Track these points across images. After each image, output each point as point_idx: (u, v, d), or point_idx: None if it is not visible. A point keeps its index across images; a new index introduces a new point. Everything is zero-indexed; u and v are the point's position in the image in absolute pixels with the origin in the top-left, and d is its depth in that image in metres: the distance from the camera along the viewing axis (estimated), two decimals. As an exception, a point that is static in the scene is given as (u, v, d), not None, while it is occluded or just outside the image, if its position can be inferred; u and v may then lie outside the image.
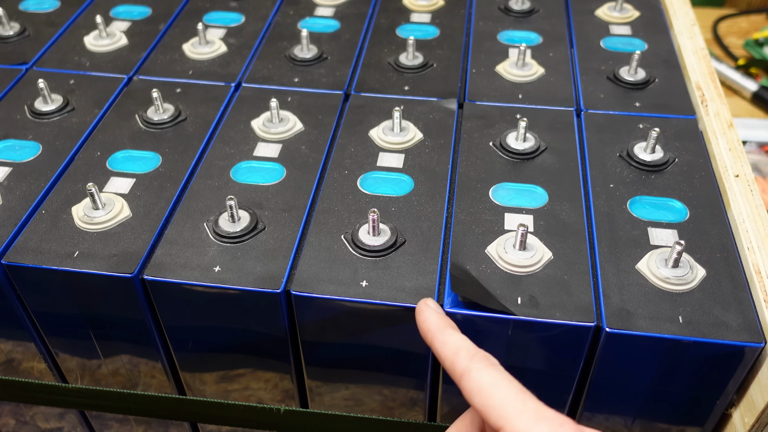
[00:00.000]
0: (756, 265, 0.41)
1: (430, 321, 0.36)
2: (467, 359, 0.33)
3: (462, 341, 0.34)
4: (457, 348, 0.34)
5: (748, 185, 0.46)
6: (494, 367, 0.32)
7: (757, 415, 0.39)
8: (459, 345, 0.34)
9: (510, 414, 0.30)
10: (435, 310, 0.37)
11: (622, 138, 0.51)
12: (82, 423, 0.57)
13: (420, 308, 0.37)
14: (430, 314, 0.37)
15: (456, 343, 0.34)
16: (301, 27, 0.64)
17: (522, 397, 0.31)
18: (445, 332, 0.35)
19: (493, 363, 0.33)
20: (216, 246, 0.43)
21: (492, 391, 0.31)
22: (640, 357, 0.39)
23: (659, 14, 0.66)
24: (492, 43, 0.62)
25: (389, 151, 0.50)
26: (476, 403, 0.32)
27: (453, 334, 0.35)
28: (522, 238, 0.41)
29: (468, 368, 0.32)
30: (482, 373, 0.32)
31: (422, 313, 0.37)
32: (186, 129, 0.52)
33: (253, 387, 0.49)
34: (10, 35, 0.62)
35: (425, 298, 0.38)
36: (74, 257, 0.42)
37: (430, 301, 0.38)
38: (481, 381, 0.32)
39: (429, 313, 0.37)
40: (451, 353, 0.34)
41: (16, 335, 0.48)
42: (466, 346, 0.34)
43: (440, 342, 0.35)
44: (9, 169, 0.48)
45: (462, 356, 0.33)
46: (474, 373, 0.32)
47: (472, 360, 0.33)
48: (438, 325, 0.36)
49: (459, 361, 0.33)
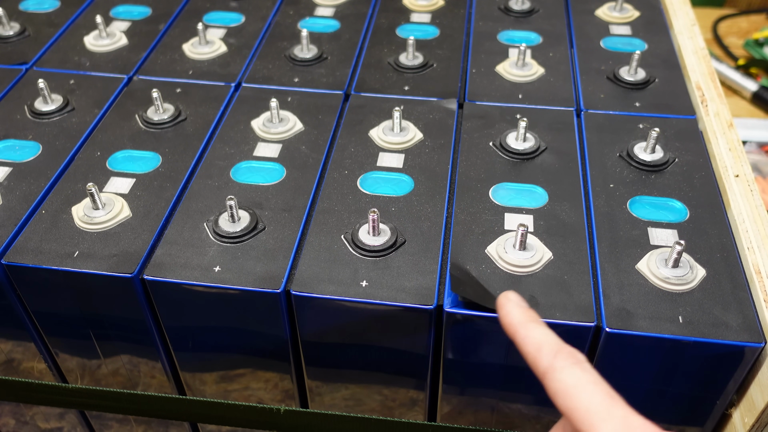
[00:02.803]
0: (756, 265, 0.41)
1: (512, 315, 0.34)
2: (550, 356, 0.31)
3: (545, 336, 0.32)
4: (540, 344, 0.32)
5: (748, 185, 0.46)
6: (579, 365, 0.30)
7: (757, 415, 0.39)
8: (541, 341, 0.32)
9: (595, 420, 0.28)
10: (517, 303, 0.35)
11: (622, 138, 0.51)
12: (82, 423, 0.57)
13: (501, 302, 0.35)
14: (511, 308, 0.34)
15: (538, 339, 0.32)
16: (301, 27, 0.64)
17: (609, 402, 0.29)
18: (527, 326, 0.33)
19: (578, 360, 0.30)
20: (216, 246, 0.43)
21: (576, 393, 0.29)
22: (640, 357, 0.39)
23: (659, 14, 0.66)
24: (492, 43, 0.62)
25: (389, 151, 0.50)
26: (560, 404, 0.30)
27: (536, 328, 0.33)
28: (522, 238, 0.41)
29: (551, 367, 0.30)
30: (566, 372, 0.30)
31: (503, 306, 0.35)
32: (186, 129, 0.52)
33: (253, 387, 0.49)
34: (10, 35, 0.62)
35: (506, 291, 0.36)
36: (74, 257, 0.42)
37: (511, 294, 0.36)
38: (566, 382, 0.30)
39: (510, 306, 0.35)
40: (533, 349, 0.32)
41: (16, 335, 0.48)
42: (548, 342, 0.32)
43: (522, 337, 0.33)
44: (9, 169, 0.48)
45: (545, 353, 0.31)
46: (557, 373, 0.30)
47: (556, 357, 0.31)
48: (520, 319, 0.34)
49: (541, 358, 0.31)
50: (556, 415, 0.45)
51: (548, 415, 0.45)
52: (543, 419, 0.46)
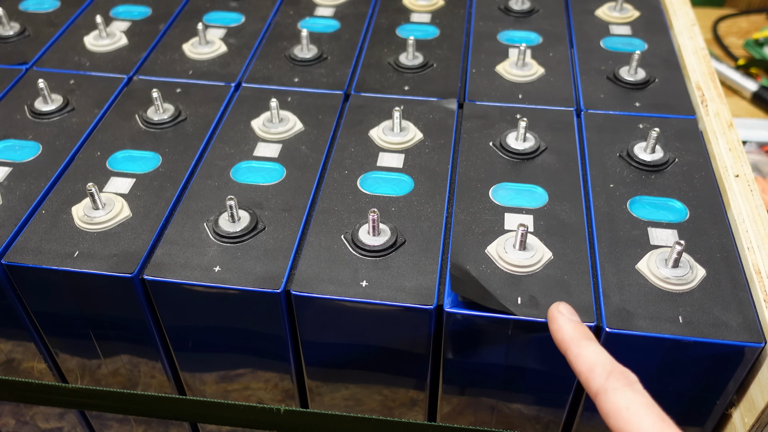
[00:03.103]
0: (756, 265, 0.41)
1: (564, 330, 0.34)
2: (603, 377, 0.31)
3: (598, 355, 0.32)
4: (593, 364, 0.32)
5: (748, 185, 0.46)
6: (631, 388, 0.31)
7: (757, 415, 0.39)
8: (594, 360, 0.32)
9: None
10: (569, 318, 0.35)
11: (622, 138, 0.51)
12: (82, 423, 0.57)
13: (552, 315, 0.35)
14: (564, 323, 0.34)
15: (591, 358, 0.32)
16: (301, 27, 0.64)
17: (660, 425, 0.29)
18: (580, 344, 0.33)
19: (630, 382, 0.31)
20: (216, 246, 0.43)
21: (629, 416, 0.30)
22: (640, 357, 0.39)
23: (659, 14, 0.66)
24: (492, 43, 0.62)
25: (389, 151, 0.50)
26: (612, 425, 0.30)
27: (588, 346, 0.33)
28: (522, 238, 0.41)
29: (604, 388, 0.31)
30: (618, 394, 0.30)
31: (555, 321, 0.35)
32: (186, 129, 0.52)
33: (253, 387, 0.49)
34: (10, 35, 0.62)
35: (557, 303, 0.36)
36: (74, 257, 0.42)
37: (563, 307, 0.36)
38: (618, 403, 0.30)
39: (563, 321, 0.35)
40: (586, 369, 0.32)
41: (16, 335, 0.48)
42: (602, 362, 0.32)
43: (574, 355, 0.33)
44: (9, 169, 0.48)
45: (597, 373, 0.31)
46: (610, 394, 0.30)
47: (609, 379, 0.31)
48: (572, 335, 0.34)
49: (594, 378, 0.31)
50: (556, 415, 0.45)
51: (548, 415, 0.45)
52: (543, 419, 0.46)
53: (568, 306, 0.36)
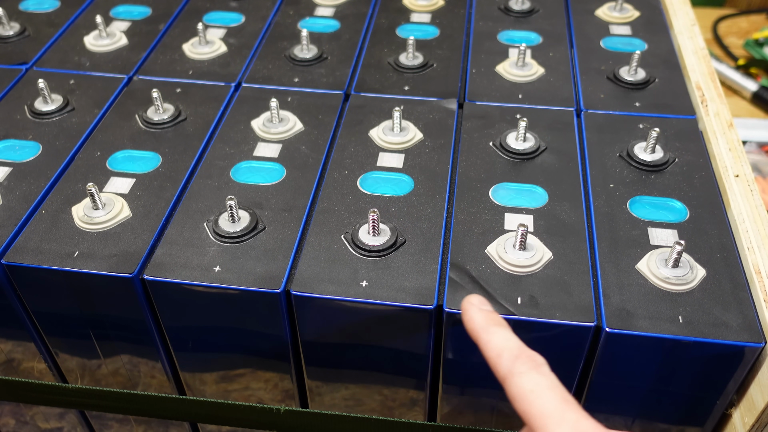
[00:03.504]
0: (756, 265, 0.41)
1: (475, 320, 0.35)
2: (510, 361, 0.32)
3: (505, 341, 0.33)
4: (501, 349, 0.33)
5: (748, 185, 0.46)
6: (537, 371, 0.31)
7: (757, 415, 0.39)
8: (502, 346, 0.33)
9: (549, 424, 0.29)
10: (479, 307, 0.36)
11: (622, 138, 0.51)
12: (82, 423, 0.57)
13: (464, 307, 0.36)
14: (474, 312, 0.35)
15: (500, 344, 0.33)
16: (301, 27, 0.64)
17: (563, 406, 0.30)
18: (488, 331, 0.34)
19: (536, 365, 0.31)
20: (216, 246, 0.43)
21: (533, 398, 0.30)
22: (640, 357, 0.39)
23: (659, 14, 0.66)
24: (492, 43, 0.62)
25: (389, 151, 0.50)
26: (518, 408, 0.31)
27: (497, 332, 0.34)
28: (522, 238, 0.41)
29: (510, 372, 0.31)
30: (524, 378, 0.31)
31: (467, 312, 0.36)
32: (186, 129, 0.52)
33: (253, 387, 0.49)
34: (10, 35, 0.62)
35: (469, 295, 0.37)
36: (74, 257, 0.42)
37: (473, 298, 0.37)
38: (523, 387, 0.31)
39: (473, 311, 0.35)
40: (494, 354, 0.33)
41: (16, 335, 0.48)
42: (509, 347, 0.33)
43: (484, 341, 0.34)
44: (9, 169, 0.48)
45: (505, 358, 0.32)
46: (516, 378, 0.31)
47: (515, 363, 0.32)
48: (481, 323, 0.34)
49: (502, 363, 0.32)
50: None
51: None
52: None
53: (480, 297, 0.37)
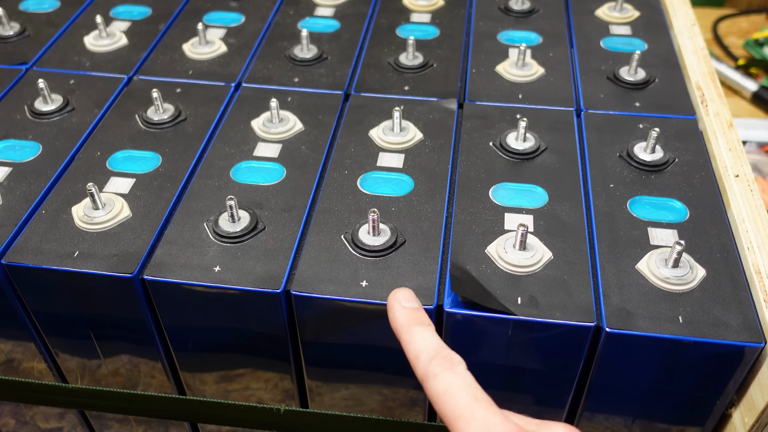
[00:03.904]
0: (756, 265, 0.41)
1: (398, 319, 0.35)
2: (426, 363, 0.32)
3: (424, 342, 0.33)
4: (419, 350, 0.33)
5: (748, 185, 0.46)
6: (452, 371, 0.32)
7: (757, 415, 0.39)
8: (421, 347, 0.33)
9: (460, 423, 0.30)
10: (403, 305, 0.36)
11: (622, 138, 0.51)
12: (82, 423, 0.57)
13: (389, 303, 0.36)
14: (398, 310, 0.35)
15: (418, 345, 0.33)
16: (301, 27, 0.64)
17: (472, 404, 0.30)
18: (410, 331, 0.34)
19: (450, 365, 0.32)
20: (216, 246, 0.43)
21: (446, 399, 0.31)
22: (640, 357, 0.39)
23: (659, 14, 0.66)
24: (492, 43, 0.62)
25: (389, 151, 0.50)
26: (436, 409, 0.31)
27: (417, 332, 0.34)
28: (522, 238, 0.41)
29: (426, 374, 0.32)
30: (438, 380, 0.31)
31: (391, 308, 0.36)
32: (186, 129, 0.52)
33: (253, 387, 0.49)
34: (10, 35, 0.62)
35: (396, 290, 0.37)
36: (74, 257, 0.42)
37: (399, 294, 0.36)
38: (437, 388, 0.31)
39: (397, 308, 0.36)
40: (413, 356, 0.33)
41: (16, 335, 0.48)
42: (426, 348, 0.33)
43: (405, 342, 0.34)
44: (9, 169, 0.48)
45: (422, 359, 0.33)
46: (431, 380, 0.32)
47: (431, 364, 0.32)
48: (404, 323, 0.35)
49: (419, 365, 0.33)
50: (556, 415, 0.45)
51: (548, 415, 0.45)
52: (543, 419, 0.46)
53: (407, 291, 0.37)
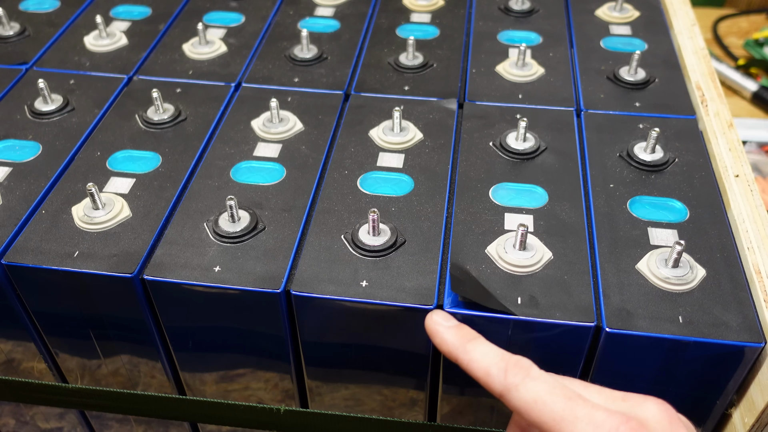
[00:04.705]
0: (756, 265, 0.41)
1: (448, 341, 0.35)
2: (501, 377, 0.32)
3: (486, 356, 0.33)
4: (487, 367, 0.32)
5: (748, 185, 0.46)
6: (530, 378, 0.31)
7: (757, 415, 0.39)
8: (487, 363, 0.33)
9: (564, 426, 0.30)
10: (447, 325, 0.35)
11: (622, 138, 0.51)
12: (82, 423, 0.57)
13: (432, 329, 0.35)
14: (444, 332, 0.35)
15: (483, 362, 0.33)
16: (301, 27, 0.64)
17: (570, 406, 0.30)
18: (466, 350, 0.34)
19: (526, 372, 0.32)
20: (216, 246, 0.43)
21: (540, 407, 0.30)
22: (640, 357, 0.39)
23: (659, 14, 0.66)
24: (492, 43, 0.62)
25: (389, 151, 0.50)
26: (527, 419, 0.31)
27: (474, 349, 0.33)
28: (522, 238, 0.41)
29: (506, 388, 0.32)
30: (522, 390, 0.31)
31: (437, 334, 0.35)
32: (186, 129, 0.52)
33: (253, 387, 0.49)
34: (10, 35, 0.62)
35: (432, 313, 0.36)
36: (74, 257, 0.42)
37: (437, 316, 0.36)
38: (526, 398, 0.31)
39: (443, 331, 0.35)
40: (482, 374, 0.33)
41: (16, 335, 0.48)
42: (492, 362, 0.32)
43: (466, 363, 0.33)
44: (9, 169, 0.48)
45: (494, 375, 0.32)
46: (514, 393, 0.31)
47: (507, 377, 0.32)
48: (455, 344, 0.34)
49: (493, 381, 0.32)
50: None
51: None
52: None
53: (441, 312, 0.37)
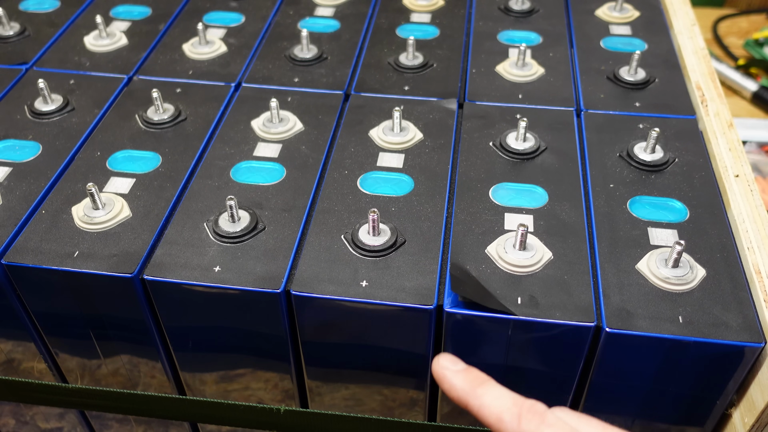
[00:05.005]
0: (756, 265, 0.41)
1: (456, 386, 0.34)
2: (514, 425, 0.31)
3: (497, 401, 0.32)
4: (499, 412, 0.32)
5: (748, 185, 0.46)
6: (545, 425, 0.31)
7: (757, 415, 0.39)
8: (499, 408, 0.32)
9: None
10: (455, 370, 0.35)
11: (622, 138, 0.51)
12: (82, 423, 0.57)
13: (439, 374, 0.35)
14: (452, 377, 0.34)
15: (495, 407, 0.32)
16: (301, 27, 0.64)
17: None
18: (477, 396, 0.33)
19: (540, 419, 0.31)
20: (216, 246, 0.43)
21: None
22: (640, 357, 0.39)
23: (659, 14, 0.66)
24: (492, 43, 0.62)
25: (389, 151, 0.50)
26: None
27: (485, 394, 0.33)
28: (522, 238, 0.41)
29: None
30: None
31: (444, 379, 0.34)
32: (186, 129, 0.52)
33: (253, 387, 0.49)
34: (10, 35, 0.62)
35: (438, 357, 0.35)
36: (74, 257, 0.42)
37: (443, 360, 0.35)
38: None
39: (450, 376, 0.34)
40: (494, 420, 0.32)
41: (16, 335, 0.48)
42: (505, 408, 0.32)
43: (476, 408, 0.33)
44: (9, 169, 0.48)
45: (507, 421, 0.31)
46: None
47: (521, 424, 0.31)
48: (466, 388, 0.33)
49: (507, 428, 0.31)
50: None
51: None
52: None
53: (448, 355, 0.36)
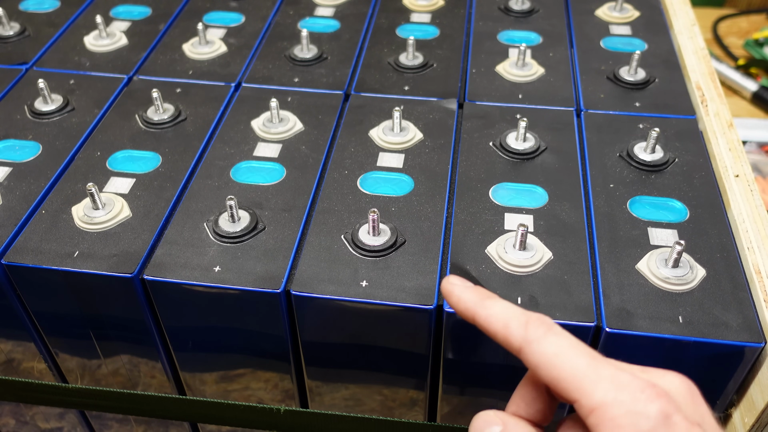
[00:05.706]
0: (756, 265, 0.41)
1: (464, 298, 0.33)
2: (522, 329, 0.30)
3: (506, 310, 0.31)
4: (506, 319, 0.30)
5: (748, 185, 0.46)
6: (553, 332, 0.29)
7: (757, 415, 0.39)
8: (507, 315, 0.31)
9: (585, 384, 0.27)
10: (463, 286, 0.34)
11: (622, 138, 0.51)
12: (82, 423, 0.57)
13: (447, 289, 0.34)
14: (461, 292, 0.33)
15: (503, 315, 0.31)
16: (301, 27, 0.64)
17: (594, 364, 0.28)
18: (485, 306, 0.32)
19: (548, 327, 0.29)
20: (216, 246, 0.43)
21: (560, 362, 0.28)
22: (640, 357, 0.39)
23: (659, 14, 0.66)
24: (492, 43, 0.62)
25: (389, 151, 0.50)
26: (544, 376, 0.29)
27: (493, 305, 0.32)
28: (522, 238, 0.41)
29: (526, 340, 0.29)
30: (543, 344, 0.29)
31: (452, 294, 0.34)
32: (186, 129, 0.52)
33: (253, 387, 0.49)
34: (10, 35, 0.62)
35: (447, 277, 0.35)
36: (74, 257, 0.42)
37: (453, 278, 0.34)
38: (545, 352, 0.29)
39: (459, 290, 0.33)
40: (501, 327, 0.30)
41: (16, 335, 0.48)
42: (513, 315, 0.30)
43: (484, 317, 0.31)
44: (9, 169, 0.48)
45: (514, 327, 0.30)
46: (534, 345, 0.29)
47: (528, 329, 0.30)
48: (474, 299, 0.32)
49: (512, 333, 0.30)
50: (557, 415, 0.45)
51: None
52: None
53: (458, 276, 0.35)
